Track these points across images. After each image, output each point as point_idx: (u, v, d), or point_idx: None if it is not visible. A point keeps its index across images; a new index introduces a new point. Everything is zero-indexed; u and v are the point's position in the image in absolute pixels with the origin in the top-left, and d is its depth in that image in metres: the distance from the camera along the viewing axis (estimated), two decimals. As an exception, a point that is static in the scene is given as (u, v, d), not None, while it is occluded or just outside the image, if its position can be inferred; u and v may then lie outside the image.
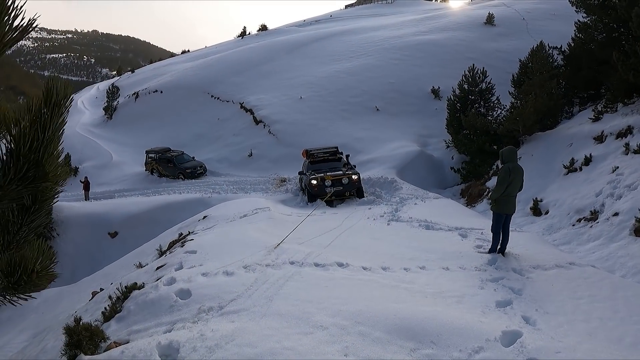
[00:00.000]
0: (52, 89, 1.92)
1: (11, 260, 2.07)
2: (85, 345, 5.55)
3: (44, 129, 1.90)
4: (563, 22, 36.94)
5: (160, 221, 21.27)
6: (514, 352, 5.22)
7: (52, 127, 1.93)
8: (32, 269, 2.11)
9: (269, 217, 14.69)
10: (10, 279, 2.07)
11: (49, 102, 1.91)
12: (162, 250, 12.54)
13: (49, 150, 1.93)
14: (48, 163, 1.92)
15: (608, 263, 10.87)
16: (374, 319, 5.86)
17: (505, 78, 27.35)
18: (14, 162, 1.86)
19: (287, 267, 8.36)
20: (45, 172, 1.92)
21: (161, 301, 6.73)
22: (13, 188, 1.88)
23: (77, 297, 13.66)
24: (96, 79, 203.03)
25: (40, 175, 1.92)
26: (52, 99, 1.92)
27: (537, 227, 15.62)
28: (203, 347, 5.08)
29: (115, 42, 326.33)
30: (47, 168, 1.92)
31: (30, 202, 2.05)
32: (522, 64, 26.02)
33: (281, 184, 26.34)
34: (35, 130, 1.88)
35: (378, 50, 44.21)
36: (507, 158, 9.65)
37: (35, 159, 1.88)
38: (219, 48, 70.18)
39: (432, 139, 30.41)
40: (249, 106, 38.57)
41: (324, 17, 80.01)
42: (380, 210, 16.97)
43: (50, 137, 1.92)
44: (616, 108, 19.66)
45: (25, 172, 1.88)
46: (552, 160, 19.20)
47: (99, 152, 40.09)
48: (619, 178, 14.62)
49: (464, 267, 9.01)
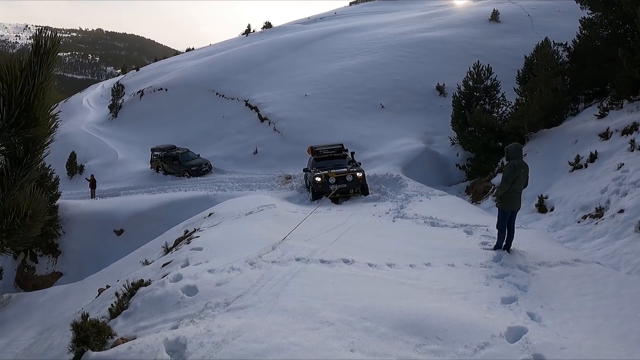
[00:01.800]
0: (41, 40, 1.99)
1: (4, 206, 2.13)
2: (92, 341, 5.57)
3: (34, 76, 1.97)
4: (568, 19, 36.81)
5: (165, 219, 21.34)
6: (519, 348, 5.23)
7: (42, 74, 1.99)
8: (24, 213, 2.16)
9: (275, 214, 14.71)
10: (3, 224, 2.11)
11: (38, 51, 1.98)
12: (168, 247, 12.58)
13: (40, 96, 1.99)
14: (38, 108, 1.98)
15: (613, 260, 10.85)
16: (379, 315, 5.88)
17: (511, 75, 27.29)
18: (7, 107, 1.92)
19: (293, 263, 8.38)
20: (36, 117, 1.98)
21: (168, 297, 6.76)
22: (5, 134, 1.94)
23: (84, 294, 13.72)
24: (101, 77, 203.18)
25: (32, 120, 1.97)
26: (41, 49, 1.98)
27: (542, 224, 15.60)
28: (210, 342, 5.10)
29: (120, 40, 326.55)
30: (37, 113, 1.98)
31: (22, 153, 2.10)
32: (527, 60, 25.97)
33: (286, 181, 26.36)
34: (26, 76, 1.95)
35: (383, 47, 44.16)
36: (512, 155, 9.64)
37: (26, 103, 1.94)
38: (223, 46, 70.23)
39: (437, 136, 30.37)
40: (254, 104, 38.61)
41: (328, 14, 79.90)
42: (386, 207, 16.97)
43: (40, 84, 1.98)
44: (621, 105, 19.60)
45: (16, 118, 1.94)
46: (557, 157, 19.17)
47: (104, 150, 40.21)
48: (625, 175, 14.59)
49: (470, 263, 9.02)
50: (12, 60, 1.97)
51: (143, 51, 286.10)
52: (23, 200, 2.16)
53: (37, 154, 2.17)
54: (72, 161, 37.86)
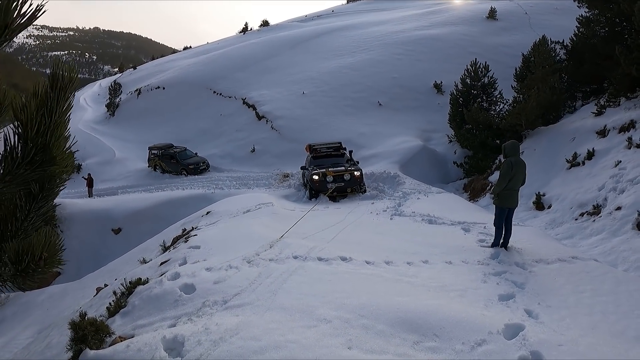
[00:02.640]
0: (58, 73, 1.93)
1: (19, 248, 2.09)
2: (90, 340, 5.58)
3: (51, 113, 1.92)
4: (566, 17, 36.90)
5: (163, 217, 21.33)
6: (517, 344, 5.25)
7: (59, 111, 1.95)
8: (39, 256, 2.13)
9: (272, 212, 14.71)
10: (18, 267, 2.09)
11: (55, 86, 1.93)
12: (166, 245, 12.59)
13: (56, 134, 1.95)
14: (55, 147, 1.95)
15: (611, 257, 10.88)
16: (377, 312, 5.90)
17: (508, 72, 27.36)
18: (22, 146, 1.88)
19: (290, 261, 8.39)
20: (53, 156, 1.95)
21: (166, 296, 6.77)
22: (21, 172, 1.91)
23: (82, 293, 13.73)
24: (98, 76, 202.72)
25: (48, 159, 1.94)
26: (58, 83, 1.93)
27: (539, 221, 15.63)
28: (208, 340, 5.12)
29: (117, 39, 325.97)
30: (54, 152, 1.94)
31: (37, 189, 2.07)
32: (524, 58, 26.01)
33: (284, 180, 26.36)
34: (42, 114, 1.90)
35: (380, 45, 44.17)
36: (509, 152, 9.66)
37: (42, 143, 1.90)
38: (221, 44, 70.18)
39: (435, 134, 30.40)
40: (252, 102, 38.60)
41: (326, 12, 79.87)
42: (383, 204, 16.98)
43: (57, 120, 1.94)
44: (619, 102, 19.64)
45: (32, 157, 1.90)
46: (554, 155, 19.19)
47: (101, 148, 40.14)
48: (622, 172, 14.62)
49: (467, 261, 9.03)
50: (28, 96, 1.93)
51: (140, 50, 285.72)
52: (38, 242, 2.14)
53: (52, 190, 2.14)
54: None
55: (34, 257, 2.10)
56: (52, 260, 2.18)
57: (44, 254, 2.13)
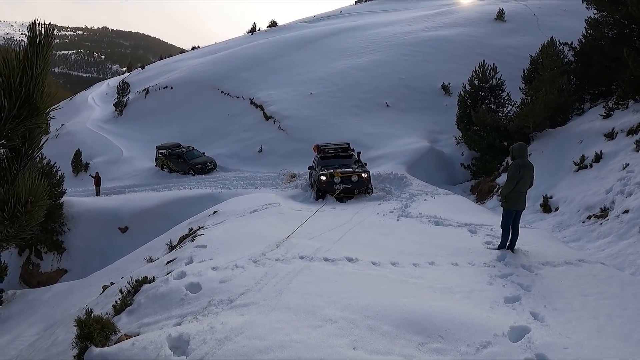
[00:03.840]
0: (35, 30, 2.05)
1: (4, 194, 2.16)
2: (96, 337, 5.61)
3: (32, 66, 2.00)
4: (574, 18, 36.75)
5: (170, 216, 21.39)
6: (522, 347, 5.24)
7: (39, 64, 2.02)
8: (25, 200, 2.18)
9: (279, 212, 14.73)
10: (4, 212, 2.13)
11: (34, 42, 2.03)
12: (173, 244, 12.62)
13: (39, 87, 2.01)
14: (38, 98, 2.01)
15: (617, 260, 10.83)
16: (382, 313, 5.90)
17: (516, 74, 27.26)
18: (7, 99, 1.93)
19: (296, 261, 8.40)
20: (37, 107, 2.01)
21: (171, 294, 6.80)
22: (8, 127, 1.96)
23: (88, 291, 13.78)
24: (106, 75, 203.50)
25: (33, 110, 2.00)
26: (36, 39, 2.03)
27: (546, 223, 15.58)
28: (213, 339, 5.13)
29: (125, 38, 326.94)
30: (38, 102, 2.01)
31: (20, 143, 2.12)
32: (532, 60, 25.89)
33: (291, 180, 26.37)
34: (24, 67, 1.98)
35: (388, 46, 44.11)
36: (517, 154, 9.64)
37: (26, 94, 1.95)
38: (228, 44, 70.30)
39: (442, 135, 30.31)
40: (259, 102, 38.63)
41: (334, 13, 79.87)
42: (390, 206, 16.97)
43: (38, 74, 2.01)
44: (627, 105, 19.53)
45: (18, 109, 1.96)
46: (562, 157, 19.12)
47: (109, 147, 40.31)
48: (630, 175, 14.54)
49: (473, 262, 9.02)
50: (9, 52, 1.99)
51: (148, 49, 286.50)
52: (23, 187, 2.18)
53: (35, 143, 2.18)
54: (77, 159, 37.94)
55: (20, 201, 2.14)
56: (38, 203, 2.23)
57: (30, 198, 2.17)
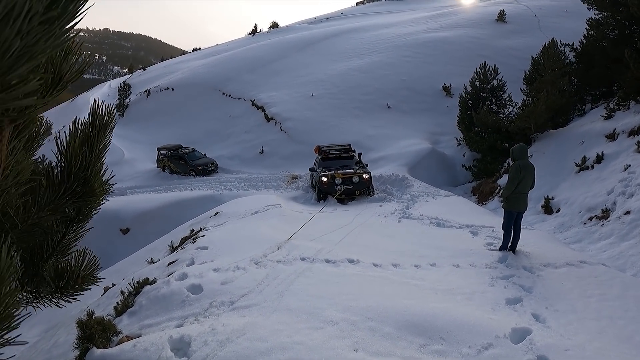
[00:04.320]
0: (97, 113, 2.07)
1: (58, 267, 2.22)
2: (97, 338, 5.62)
3: (92, 149, 2.04)
4: (575, 19, 36.71)
5: (171, 218, 21.37)
6: (523, 349, 5.24)
7: (99, 147, 2.06)
8: (77, 275, 2.24)
9: (280, 214, 14.73)
10: (58, 284, 2.20)
11: (94, 125, 2.06)
12: (174, 246, 12.63)
13: (96, 168, 2.06)
14: (94, 179, 2.06)
15: (619, 262, 10.82)
16: (384, 314, 5.90)
17: (517, 75, 27.24)
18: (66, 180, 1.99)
19: (298, 263, 8.41)
20: (93, 188, 2.05)
21: (173, 296, 6.80)
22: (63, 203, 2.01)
23: (89, 292, 13.66)
24: (108, 76, 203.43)
25: (88, 191, 2.04)
26: (97, 122, 2.06)
27: (548, 225, 15.57)
28: (214, 341, 5.13)
29: (127, 40, 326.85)
30: (93, 184, 2.05)
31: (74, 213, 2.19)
32: (533, 61, 25.89)
33: (292, 181, 26.36)
34: (84, 150, 2.02)
35: (389, 47, 44.11)
36: (517, 155, 9.64)
37: (84, 177, 2.00)
38: (230, 45, 70.28)
39: (443, 137, 30.30)
40: (261, 103, 38.63)
41: (335, 14, 79.87)
42: (391, 207, 16.96)
43: (97, 155, 2.05)
44: (628, 106, 19.51)
45: (74, 188, 2.01)
46: (563, 158, 19.11)
47: (110, 149, 38.88)
48: (631, 176, 14.53)
49: (475, 264, 9.02)
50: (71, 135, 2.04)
51: (150, 51, 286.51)
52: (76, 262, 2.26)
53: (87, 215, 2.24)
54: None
55: (73, 276, 2.20)
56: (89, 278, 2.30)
57: (82, 272, 2.23)
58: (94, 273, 2.33)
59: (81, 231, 2.26)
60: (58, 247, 2.20)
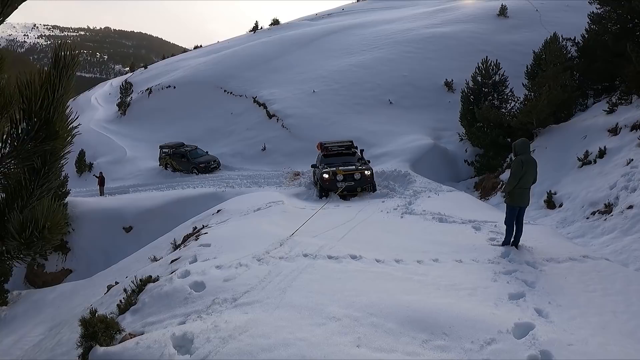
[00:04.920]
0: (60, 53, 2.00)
1: (23, 219, 2.16)
2: (100, 336, 5.63)
3: (54, 90, 2.00)
4: (577, 14, 36.54)
5: (174, 215, 21.38)
6: (526, 344, 5.24)
7: (62, 88, 2.02)
8: (43, 225, 2.19)
9: (283, 211, 14.74)
10: (22, 236, 2.14)
11: (57, 65, 2.01)
12: (177, 243, 12.66)
13: (59, 110, 2.01)
14: (58, 122, 2.01)
15: (622, 256, 10.81)
16: (386, 310, 5.90)
17: (519, 70, 27.14)
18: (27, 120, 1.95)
19: (300, 259, 8.41)
20: (56, 130, 2.01)
21: (176, 293, 6.81)
22: (26, 147, 1.97)
23: (92, 291, 13.81)
24: (109, 75, 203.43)
25: (51, 133, 2.00)
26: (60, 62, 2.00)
27: (550, 220, 15.55)
28: (217, 337, 5.14)
29: (128, 38, 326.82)
30: (57, 126, 2.01)
31: (40, 164, 2.13)
32: (535, 56, 25.80)
33: (295, 178, 26.37)
34: (46, 90, 1.98)
35: (391, 43, 44.01)
36: (519, 150, 9.62)
37: (45, 117, 1.96)
38: (231, 43, 70.21)
39: (445, 132, 30.25)
40: (262, 100, 38.61)
41: (336, 10, 79.70)
42: (394, 203, 16.95)
43: (60, 97, 2.01)
44: (631, 100, 19.47)
45: (36, 131, 1.97)
46: (566, 153, 19.07)
47: (113, 147, 40.39)
48: (634, 171, 14.50)
49: (477, 259, 9.01)
50: (32, 74, 2.00)
51: (151, 49, 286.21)
52: (41, 212, 2.19)
53: (54, 164, 2.19)
54: (81, 159, 38.03)
55: (38, 226, 2.15)
56: (56, 228, 2.24)
57: (47, 223, 2.18)
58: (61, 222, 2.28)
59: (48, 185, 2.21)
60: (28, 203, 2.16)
